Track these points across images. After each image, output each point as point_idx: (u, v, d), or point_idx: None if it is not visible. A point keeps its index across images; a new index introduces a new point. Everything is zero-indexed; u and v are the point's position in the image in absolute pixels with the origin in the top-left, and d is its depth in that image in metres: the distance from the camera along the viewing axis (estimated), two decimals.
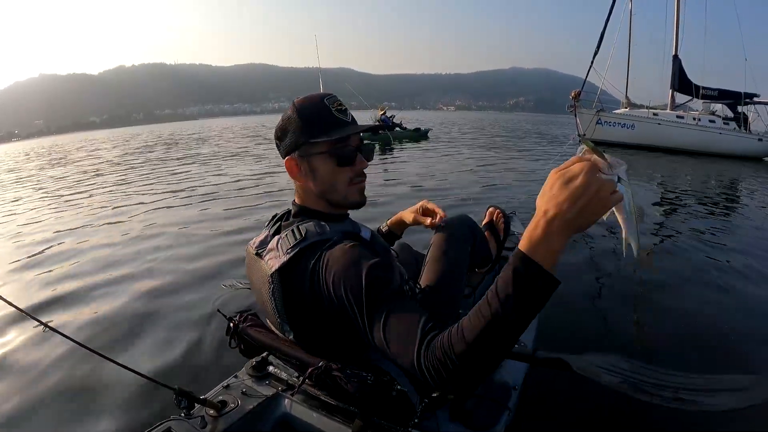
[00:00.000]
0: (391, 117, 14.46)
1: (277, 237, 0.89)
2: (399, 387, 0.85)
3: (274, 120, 0.91)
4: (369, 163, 0.96)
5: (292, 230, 0.87)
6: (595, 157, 0.59)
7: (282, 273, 0.84)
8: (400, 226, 1.38)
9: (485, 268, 1.61)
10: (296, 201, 0.97)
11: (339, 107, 0.89)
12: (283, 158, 0.93)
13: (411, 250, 1.42)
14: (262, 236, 0.96)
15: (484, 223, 1.70)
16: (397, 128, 14.09)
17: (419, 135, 15.09)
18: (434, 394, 0.91)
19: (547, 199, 0.58)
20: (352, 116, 0.92)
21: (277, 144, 0.94)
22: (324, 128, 0.87)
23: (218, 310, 1.19)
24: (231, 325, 1.09)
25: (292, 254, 0.83)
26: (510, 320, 0.58)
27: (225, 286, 1.82)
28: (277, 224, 0.97)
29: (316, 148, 0.88)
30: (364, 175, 0.95)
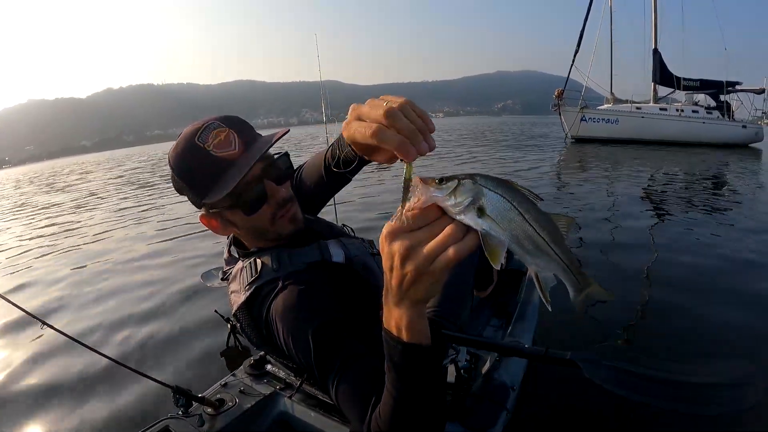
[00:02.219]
0: None
1: (240, 264, 0.83)
2: None
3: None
4: (284, 189, 0.79)
5: (250, 264, 0.80)
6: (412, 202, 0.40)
7: (246, 309, 0.80)
8: None
9: (485, 293, 1.65)
10: (243, 242, 0.88)
11: (217, 140, 0.72)
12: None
13: None
14: (226, 253, 0.91)
15: None
16: None
17: None
18: None
19: None
20: (240, 139, 0.74)
21: None
22: (210, 179, 0.72)
23: (215, 311, 1.20)
24: (229, 325, 1.11)
25: (249, 293, 0.78)
26: (405, 398, 0.52)
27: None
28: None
29: (216, 205, 0.76)
30: (287, 202, 0.80)
